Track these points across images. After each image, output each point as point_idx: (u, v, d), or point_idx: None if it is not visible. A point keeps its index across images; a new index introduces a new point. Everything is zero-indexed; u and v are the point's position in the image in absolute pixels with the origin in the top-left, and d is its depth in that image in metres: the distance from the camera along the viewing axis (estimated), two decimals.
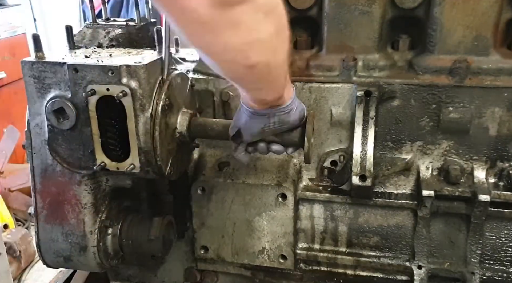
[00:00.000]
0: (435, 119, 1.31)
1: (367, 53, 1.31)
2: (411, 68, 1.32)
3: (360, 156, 1.28)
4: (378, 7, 1.26)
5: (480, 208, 1.28)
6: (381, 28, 1.29)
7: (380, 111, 1.31)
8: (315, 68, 1.36)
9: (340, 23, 1.29)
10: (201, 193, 1.44)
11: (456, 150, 1.33)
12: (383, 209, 1.39)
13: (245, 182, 1.40)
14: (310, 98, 1.36)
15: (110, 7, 3.95)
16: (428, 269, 1.39)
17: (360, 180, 1.28)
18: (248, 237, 1.45)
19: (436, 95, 1.28)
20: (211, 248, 1.50)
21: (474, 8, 1.20)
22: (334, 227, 1.44)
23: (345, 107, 1.34)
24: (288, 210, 1.39)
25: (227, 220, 1.45)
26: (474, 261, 1.35)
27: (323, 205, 1.43)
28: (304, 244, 1.48)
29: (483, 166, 1.32)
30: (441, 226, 1.38)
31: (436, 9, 1.23)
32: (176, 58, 1.53)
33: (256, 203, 1.41)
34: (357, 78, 1.32)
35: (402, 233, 1.40)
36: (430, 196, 1.29)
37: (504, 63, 1.24)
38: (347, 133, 1.37)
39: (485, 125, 1.29)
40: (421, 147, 1.35)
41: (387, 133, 1.36)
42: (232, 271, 1.55)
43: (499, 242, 1.35)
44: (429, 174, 1.34)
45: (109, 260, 1.32)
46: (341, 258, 1.45)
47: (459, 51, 1.25)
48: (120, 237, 1.33)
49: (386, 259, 1.43)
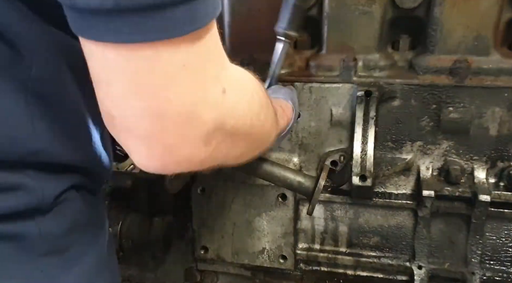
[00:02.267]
0: (436, 120, 1.30)
1: (367, 53, 1.31)
2: (412, 68, 1.32)
3: (360, 156, 1.28)
4: (378, 7, 1.26)
5: (480, 208, 1.28)
6: (381, 28, 1.29)
7: (380, 111, 1.31)
8: (315, 68, 1.36)
9: (340, 23, 1.29)
10: (201, 193, 1.44)
11: (456, 150, 1.33)
12: (383, 209, 1.39)
13: (245, 182, 1.40)
14: (310, 98, 1.35)
15: None
16: (428, 269, 1.38)
17: (360, 180, 1.28)
18: (248, 237, 1.45)
19: (436, 95, 1.28)
20: (211, 248, 1.50)
21: (475, 8, 1.20)
22: (334, 227, 1.44)
23: (345, 107, 1.34)
24: (288, 210, 1.39)
25: (227, 220, 1.45)
26: (474, 261, 1.35)
27: (323, 205, 1.43)
28: (304, 244, 1.48)
29: (483, 166, 1.32)
30: (441, 226, 1.38)
31: (436, 9, 1.23)
32: None
33: (256, 203, 1.41)
34: (357, 78, 1.32)
35: (402, 233, 1.40)
36: (430, 196, 1.29)
37: (504, 63, 1.24)
38: (347, 133, 1.36)
39: (485, 125, 1.28)
40: (421, 147, 1.35)
41: (387, 134, 1.35)
42: (232, 271, 1.55)
43: (499, 242, 1.35)
44: (429, 174, 1.34)
45: None
46: (341, 258, 1.45)
47: (459, 51, 1.25)
48: (120, 237, 1.33)
49: (386, 259, 1.43)
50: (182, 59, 0.53)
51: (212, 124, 0.58)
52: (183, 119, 0.55)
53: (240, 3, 1.32)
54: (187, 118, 0.55)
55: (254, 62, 1.36)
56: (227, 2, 1.33)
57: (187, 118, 0.55)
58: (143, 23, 0.49)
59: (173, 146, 0.57)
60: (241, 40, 1.36)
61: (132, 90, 0.53)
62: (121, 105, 0.54)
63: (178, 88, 0.54)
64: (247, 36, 1.35)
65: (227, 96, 0.60)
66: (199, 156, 0.60)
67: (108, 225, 0.85)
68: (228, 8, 1.34)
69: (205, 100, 0.57)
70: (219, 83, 0.59)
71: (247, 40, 1.35)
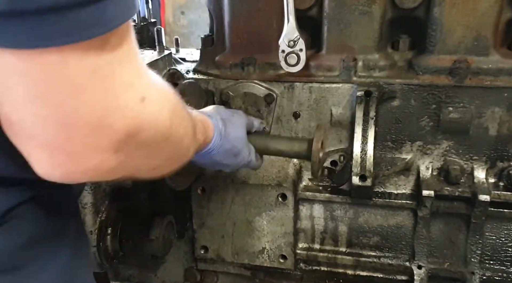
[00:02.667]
0: (435, 120, 1.31)
1: (367, 53, 1.31)
2: (411, 68, 1.32)
3: (360, 156, 1.28)
4: (378, 7, 1.26)
5: (480, 208, 1.28)
6: (381, 28, 1.29)
7: (380, 111, 1.31)
8: (315, 68, 1.36)
9: (340, 23, 1.29)
10: (201, 193, 1.44)
11: (456, 150, 1.33)
12: (383, 209, 1.39)
13: (245, 182, 1.40)
14: (310, 98, 1.36)
15: None
16: (428, 269, 1.39)
17: (360, 180, 1.28)
18: (248, 237, 1.46)
19: (436, 95, 1.28)
20: (211, 248, 1.50)
21: (474, 8, 1.20)
22: (334, 227, 1.45)
23: (345, 107, 1.34)
24: (288, 210, 1.39)
25: (227, 220, 1.45)
26: (474, 261, 1.35)
27: (323, 205, 1.43)
28: (304, 244, 1.48)
29: (483, 166, 1.32)
30: (441, 226, 1.38)
31: (436, 9, 1.23)
32: (176, 58, 1.53)
33: (256, 203, 1.41)
34: (357, 78, 1.32)
35: (402, 233, 1.40)
36: (430, 196, 1.29)
37: (504, 63, 1.24)
38: (347, 133, 1.37)
39: (485, 125, 1.29)
40: (421, 147, 1.35)
41: (387, 134, 1.36)
42: (232, 271, 1.55)
43: (499, 242, 1.35)
44: (429, 174, 1.34)
45: (109, 260, 1.32)
46: (341, 258, 1.45)
47: (459, 51, 1.25)
48: (120, 237, 1.33)
49: (386, 259, 1.43)
50: (90, 65, 0.49)
51: (124, 133, 0.54)
52: (92, 128, 0.51)
53: (240, 3, 1.32)
54: (96, 127, 0.51)
55: (254, 62, 1.36)
56: (227, 2, 1.33)
57: (96, 128, 0.51)
58: (44, 27, 0.44)
59: (79, 154, 0.53)
60: (241, 40, 1.36)
61: (34, 96, 0.48)
62: (21, 111, 0.49)
63: (87, 96, 0.49)
64: (247, 36, 1.35)
65: (146, 105, 0.56)
66: (108, 165, 0.56)
67: (79, 233, 0.81)
68: (228, 8, 1.34)
69: (118, 108, 0.52)
70: (134, 90, 0.54)
71: (247, 40, 1.35)
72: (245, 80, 1.35)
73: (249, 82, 1.36)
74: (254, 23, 1.33)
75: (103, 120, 0.51)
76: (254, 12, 1.32)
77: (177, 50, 1.67)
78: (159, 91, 0.61)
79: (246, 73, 1.36)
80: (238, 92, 1.36)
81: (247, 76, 1.36)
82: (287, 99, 1.37)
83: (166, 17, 5.74)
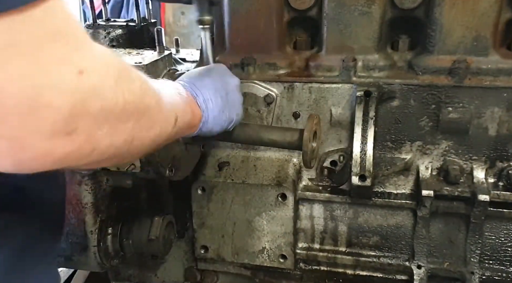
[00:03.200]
0: (435, 120, 1.31)
1: (366, 54, 1.32)
2: (411, 69, 1.32)
3: (359, 156, 1.28)
4: (377, 7, 1.26)
5: (479, 208, 1.28)
6: (380, 28, 1.29)
7: (379, 111, 1.31)
8: (315, 69, 1.36)
9: (340, 24, 1.30)
10: (201, 193, 1.44)
11: (455, 150, 1.33)
12: (382, 208, 1.39)
13: (245, 182, 1.40)
14: (310, 98, 1.36)
15: (110, 7, 3.95)
16: (428, 268, 1.39)
17: (359, 180, 1.28)
18: (248, 237, 1.46)
19: (435, 95, 1.28)
20: (211, 247, 1.50)
21: (474, 8, 1.21)
22: (334, 227, 1.45)
23: (345, 107, 1.34)
24: (288, 210, 1.39)
25: (227, 220, 1.46)
26: (474, 261, 1.36)
27: (323, 204, 1.43)
28: (304, 243, 1.48)
29: (482, 166, 1.32)
30: (440, 226, 1.38)
31: (435, 9, 1.23)
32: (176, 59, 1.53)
33: (256, 203, 1.41)
34: (356, 79, 1.32)
35: (402, 233, 1.40)
36: (430, 196, 1.29)
37: (503, 64, 1.24)
38: (347, 133, 1.37)
39: (484, 125, 1.29)
40: (420, 147, 1.35)
41: (387, 134, 1.36)
42: (232, 271, 1.56)
43: (498, 242, 1.36)
44: (428, 174, 1.34)
45: (109, 259, 1.33)
46: (341, 258, 1.45)
47: (458, 51, 1.26)
48: (120, 237, 1.33)
49: (385, 259, 1.43)
50: (11, 39, 0.45)
51: (67, 110, 0.50)
52: (27, 108, 0.47)
53: (240, 3, 1.33)
54: (32, 107, 0.47)
55: (254, 62, 1.36)
56: (227, 2, 1.33)
57: (32, 108, 0.47)
58: None
59: (22, 139, 0.49)
60: (241, 40, 1.36)
61: None
62: None
63: (11, 73, 0.45)
64: (247, 36, 1.35)
65: (85, 77, 0.52)
66: (63, 149, 0.52)
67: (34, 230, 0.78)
68: (228, 8, 1.34)
69: (52, 85, 0.48)
70: (70, 64, 0.51)
71: (247, 40, 1.36)
72: (245, 80, 1.35)
73: (249, 82, 1.36)
74: (254, 23, 1.33)
75: (37, 99, 0.47)
76: (254, 12, 1.32)
77: (177, 51, 1.67)
78: (99, 62, 0.57)
79: (246, 73, 1.37)
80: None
81: (247, 76, 1.36)
82: (287, 99, 1.37)
83: (166, 17, 5.73)
